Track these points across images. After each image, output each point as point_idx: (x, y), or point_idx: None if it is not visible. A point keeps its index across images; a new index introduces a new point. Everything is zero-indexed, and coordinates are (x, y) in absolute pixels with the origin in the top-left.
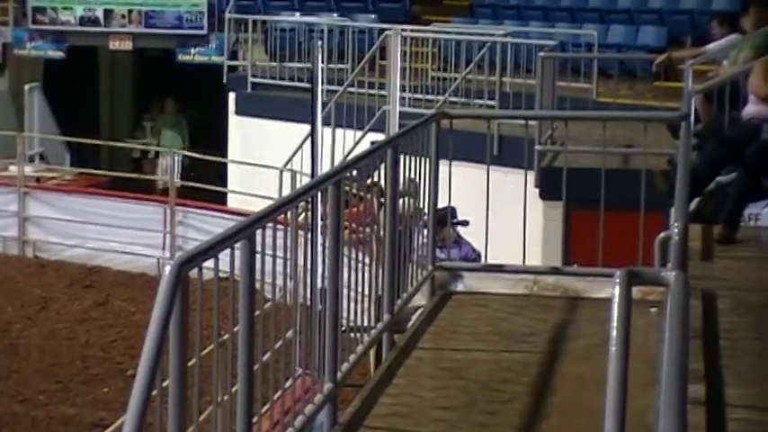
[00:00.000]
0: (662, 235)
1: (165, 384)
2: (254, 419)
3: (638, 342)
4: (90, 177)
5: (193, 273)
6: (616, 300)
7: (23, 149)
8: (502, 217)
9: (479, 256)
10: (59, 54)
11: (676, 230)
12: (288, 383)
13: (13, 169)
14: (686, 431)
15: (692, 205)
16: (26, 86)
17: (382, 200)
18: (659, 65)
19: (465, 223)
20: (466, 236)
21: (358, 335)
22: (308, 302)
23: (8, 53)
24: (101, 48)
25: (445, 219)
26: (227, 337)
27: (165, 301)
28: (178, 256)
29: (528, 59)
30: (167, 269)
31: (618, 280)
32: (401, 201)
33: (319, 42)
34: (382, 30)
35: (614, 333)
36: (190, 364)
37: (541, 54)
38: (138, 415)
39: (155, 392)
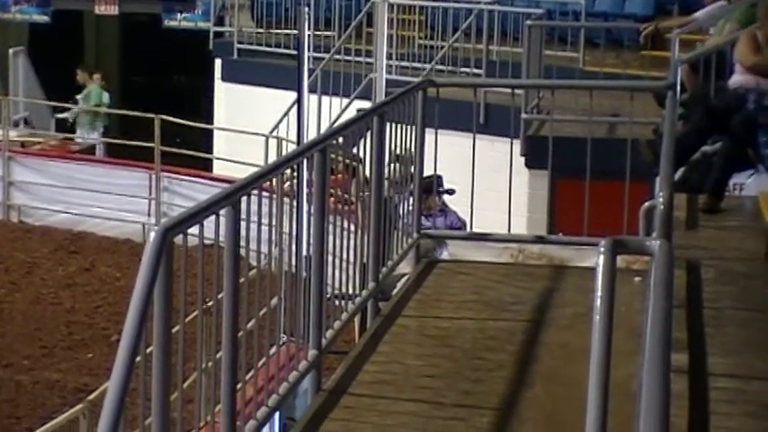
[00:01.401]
0: (647, 204)
1: (149, 350)
2: (239, 386)
3: (621, 311)
4: (74, 142)
5: (178, 239)
6: (600, 268)
7: (8, 114)
8: (488, 186)
9: (465, 225)
10: (44, 18)
11: (661, 200)
12: (272, 350)
13: None
14: (669, 400)
15: (678, 175)
16: (11, 50)
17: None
18: (646, 35)
19: (451, 192)
20: (452, 204)
21: (343, 302)
22: (293, 270)
23: None
24: (86, 12)
25: (431, 187)
26: (211, 303)
27: (150, 266)
28: (163, 221)
29: (515, 28)
30: (152, 235)
31: (602, 249)
32: (391, 167)
33: (306, 9)
34: None
35: (598, 302)
36: (174, 330)
37: (528, 22)
38: (123, 381)
39: (139, 358)
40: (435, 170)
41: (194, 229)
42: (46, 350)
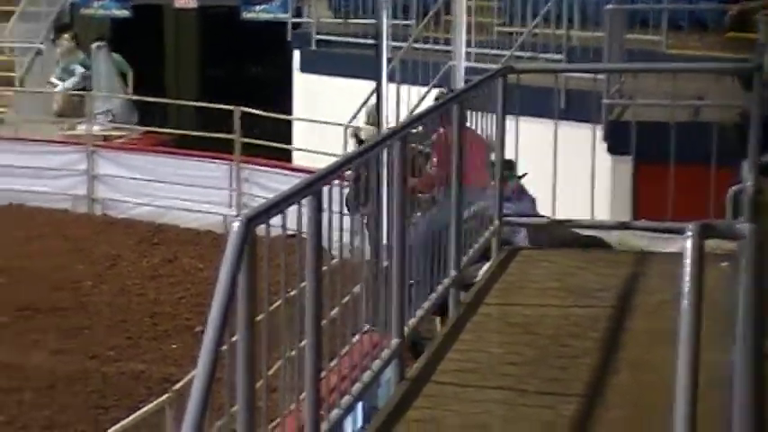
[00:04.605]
0: (734, 188)
1: (233, 339)
2: (322, 374)
3: (708, 296)
4: (156, 136)
5: (260, 230)
6: (689, 253)
7: (91, 108)
8: (569, 172)
9: (537, 214)
10: (125, 13)
11: (749, 184)
12: (355, 338)
13: (82, 128)
14: (761, 386)
15: (766, 158)
16: (93, 45)
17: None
18: (732, 16)
19: (522, 175)
20: (533, 192)
21: (424, 291)
22: (375, 259)
23: (75, 12)
24: (165, 6)
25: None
26: (294, 293)
27: (234, 256)
28: (246, 212)
29: (596, 12)
30: (235, 225)
31: (691, 233)
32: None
33: None
34: None
35: (686, 287)
36: (258, 319)
37: (609, 6)
38: (209, 370)
39: (224, 348)
40: (516, 157)
41: (276, 219)
42: (131, 341)
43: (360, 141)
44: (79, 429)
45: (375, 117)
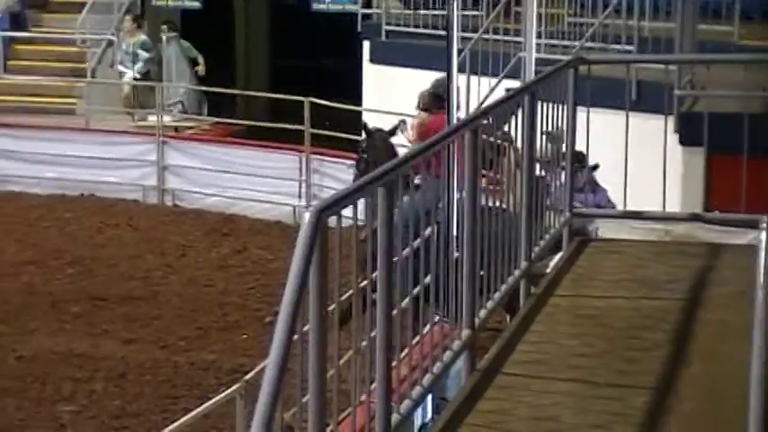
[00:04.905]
0: None
1: (305, 329)
2: (393, 364)
3: None
4: (226, 127)
5: (332, 220)
6: (764, 245)
7: (162, 99)
8: (640, 163)
9: (614, 206)
10: (196, 4)
11: None
12: (426, 329)
13: (152, 119)
14: None
15: None
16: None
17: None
18: None
19: (595, 167)
20: (603, 183)
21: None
22: (446, 249)
23: (147, 4)
24: None
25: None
26: (365, 283)
27: (305, 246)
28: (317, 202)
29: (667, 2)
30: (306, 216)
31: (766, 224)
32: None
33: None
34: None
35: (761, 277)
36: (329, 308)
37: None
38: (281, 359)
39: (295, 337)
40: (588, 149)
41: (348, 211)
42: (201, 331)
43: (368, 132)
44: (150, 419)
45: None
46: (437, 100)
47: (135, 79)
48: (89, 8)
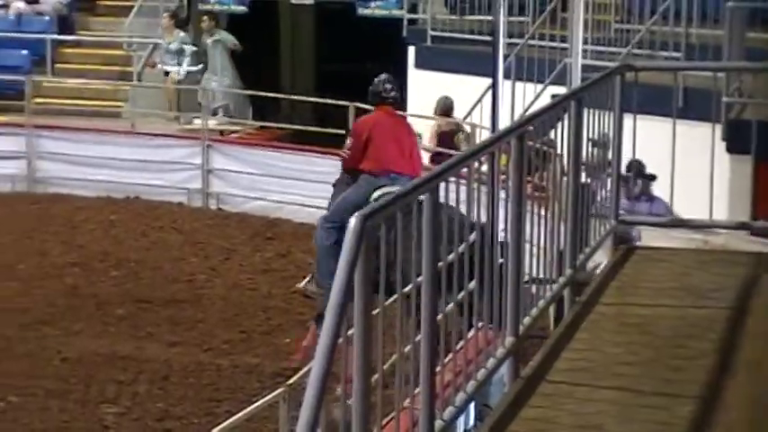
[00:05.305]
0: None
1: (349, 333)
2: (437, 369)
3: None
4: (271, 131)
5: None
6: None
7: (207, 103)
8: (687, 171)
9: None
10: (242, 8)
11: None
12: (470, 334)
13: (198, 123)
14: None
15: None
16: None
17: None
18: None
19: (652, 177)
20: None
21: (540, 289)
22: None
23: (193, 7)
24: (282, 2)
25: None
26: (409, 288)
27: (350, 252)
28: (362, 209)
29: (716, 9)
30: (352, 222)
31: None
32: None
33: None
34: None
35: None
36: (373, 313)
37: (730, 3)
38: (326, 363)
39: (339, 341)
40: (634, 156)
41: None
42: (244, 335)
43: None
44: (193, 422)
45: (446, 107)
46: (375, 97)
47: (179, 82)
48: (136, 12)
